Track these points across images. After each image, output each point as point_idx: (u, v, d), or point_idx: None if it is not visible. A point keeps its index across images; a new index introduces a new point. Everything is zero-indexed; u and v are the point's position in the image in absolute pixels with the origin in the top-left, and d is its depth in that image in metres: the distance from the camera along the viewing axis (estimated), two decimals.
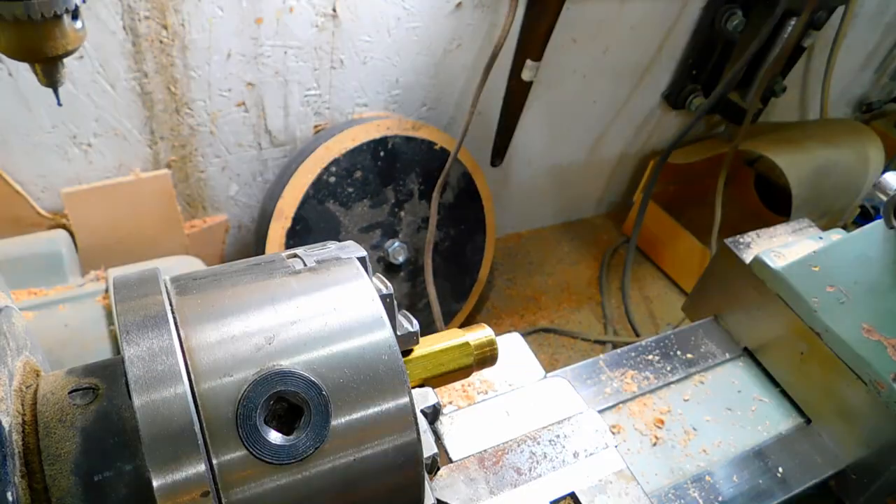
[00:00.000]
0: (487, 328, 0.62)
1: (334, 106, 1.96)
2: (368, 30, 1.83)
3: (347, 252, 0.51)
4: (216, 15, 1.61)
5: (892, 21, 2.92)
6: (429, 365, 0.58)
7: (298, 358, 0.43)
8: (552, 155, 2.60)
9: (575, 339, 2.47)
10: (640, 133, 2.73)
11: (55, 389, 0.46)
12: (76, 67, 1.54)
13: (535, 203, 2.81)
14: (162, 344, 0.40)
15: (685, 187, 2.95)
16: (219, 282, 0.47)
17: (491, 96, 2.13)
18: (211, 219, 2.03)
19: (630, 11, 2.18)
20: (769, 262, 1.14)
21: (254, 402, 0.40)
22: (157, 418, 0.38)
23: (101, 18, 1.50)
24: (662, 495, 0.89)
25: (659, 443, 0.95)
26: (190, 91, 1.71)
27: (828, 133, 2.64)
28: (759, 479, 0.94)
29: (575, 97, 2.39)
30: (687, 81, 2.52)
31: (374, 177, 1.97)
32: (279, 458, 0.41)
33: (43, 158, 1.66)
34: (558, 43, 2.07)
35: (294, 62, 1.79)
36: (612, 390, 1.01)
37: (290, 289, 0.46)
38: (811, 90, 3.01)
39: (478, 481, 0.62)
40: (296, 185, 1.85)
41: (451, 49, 2.00)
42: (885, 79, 3.26)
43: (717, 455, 0.96)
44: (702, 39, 2.38)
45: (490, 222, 2.31)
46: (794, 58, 2.65)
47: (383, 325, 0.46)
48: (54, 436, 0.43)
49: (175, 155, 1.83)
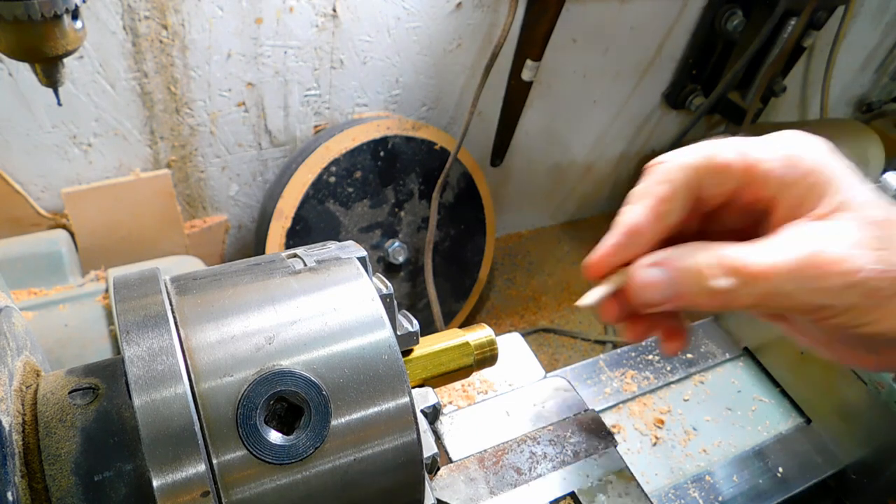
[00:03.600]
0: (487, 328, 0.62)
1: (334, 106, 1.96)
2: (368, 30, 1.83)
3: (347, 252, 0.51)
4: (216, 15, 1.61)
5: (892, 21, 2.92)
6: (429, 365, 0.58)
7: (298, 358, 0.43)
8: (552, 155, 2.60)
9: (575, 339, 2.47)
10: (640, 133, 2.73)
11: (55, 389, 0.46)
12: (76, 67, 1.54)
13: (535, 203, 2.81)
14: (162, 344, 0.40)
15: None
16: (219, 282, 0.47)
17: (491, 96, 2.13)
18: (211, 219, 2.03)
19: (630, 11, 2.18)
20: None
21: (254, 402, 0.40)
22: (157, 418, 0.38)
23: (101, 18, 1.50)
24: (662, 495, 0.89)
25: (659, 443, 0.95)
26: (190, 91, 1.71)
27: (828, 133, 2.60)
28: (759, 478, 0.94)
29: (575, 97, 2.39)
30: (687, 81, 2.52)
31: (374, 177, 1.97)
32: (279, 458, 0.41)
33: (43, 158, 1.66)
34: (558, 43, 2.07)
35: (294, 62, 1.79)
36: (612, 390, 1.01)
37: (290, 289, 0.46)
38: (811, 90, 3.01)
39: (478, 481, 0.62)
40: (296, 185, 1.85)
41: (451, 49, 2.00)
42: (885, 79, 3.26)
43: (717, 455, 0.96)
44: (702, 39, 2.38)
45: (490, 222, 2.31)
46: (794, 58, 2.65)
47: (383, 325, 0.46)
48: (54, 436, 0.43)
49: (175, 155, 1.83)
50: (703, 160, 0.54)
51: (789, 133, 0.55)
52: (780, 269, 0.49)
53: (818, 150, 0.53)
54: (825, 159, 0.52)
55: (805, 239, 0.50)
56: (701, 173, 0.54)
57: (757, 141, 0.54)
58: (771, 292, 0.50)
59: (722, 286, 0.50)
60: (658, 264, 0.54)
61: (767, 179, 0.53)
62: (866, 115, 3.36)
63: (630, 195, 0.58)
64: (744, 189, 0.54)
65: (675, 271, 0.53)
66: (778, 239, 0.51)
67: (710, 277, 0.51)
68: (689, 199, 0.55)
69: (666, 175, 0.55)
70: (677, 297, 0.53)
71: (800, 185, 0.52)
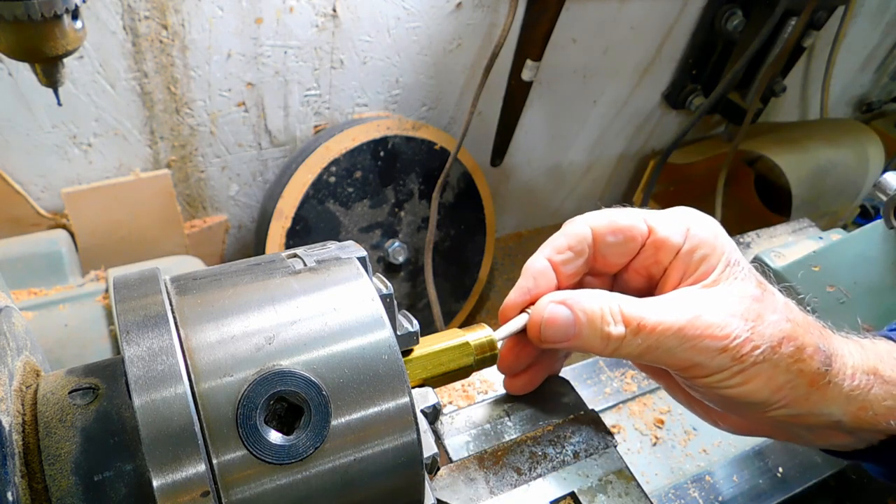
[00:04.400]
0: (487, 328, 0.62)
1: (334, 106, 1.96)
2: (368, 30, 1.83)
3: (347, 252, 0.51)
4: (216, 15, 1.61)
5: (892, 21, 2.92)
6: (429, 365, 0.58)
7: (298, 358, 0.43)
8: (552, 155, 2.60)
9: None
10: (640, 133, 2.73)
11: (55, 389, 0.46)
12: (76, 67, 1.54)
13: (535, 203, 2.81)
14: (162, 344, 0.40)
15: (685, 187, 2.95)
16: (219, 282, 0.47)
17: (491, 96, 2.13)
18: (211, 219, 2.03)
19: (630, 11, 2.18)
20: (769, 261, 1.14)
21: (254, 402, 0.40)
22: (157, 418, 0.38)
23: (101, 18, 1.50)
24: (662, 495, 0.89)
25: (659, 443, 0.95)
26: (190, 91, 1.71)
27: (828, 133, 2.63)
28: (759, 479, 0.94)
29: (575, 97, 2.39)
30: (687, 81, 2.52)
31: (374, 177, 1.97)
32: (279, 458, 0.40)
33: (43, 158, 1.66)
34: (558, 43, 2.07)
35: (294, 62, 1.79)
36: (612, 390, 1.01)
37: (290, 289, 0.46)
38: (811, 90, 3.01)
39: (478, 481, 0.62)
40: (296, 185, 1.85)
41: (451, 49, 2.00)
42: (885, 79, 3.26)
43: (717, 455, 0.96)
44: (702, 39, 2.38)
45: (490, 222, 2.31)
46: (794, 58, 2.65)
47: (383, 325, 0.46)
48: (54, 436, 0.43)
49: (175, 155, 1.83)
50: (606, 222, 0.62)
51: (686, 209, 0.63)
52: (667, 327, 0.55)
53: (710, 226, 0.61)
54: (716, 236, 0.60)
55: (691, 303, 0.57)
56: (603, 233, 0.62)
57: (658, 213, 0.62)
58: (655, 346, 0.56)
59: (616, 333, 0.57)
60: (564, 302, 0.59)
61: (665, 248, 0.60)
62: (866, 115, 3.36)
63: (541, 246, 0.65)
64: (644, 254, 0.62)
65: (578, 312, 0.59)
66: (669, 299, 0.58)
67: (606, 324, 0.57)
68: (586, 253, 0.63)
69: (569, 229, 0.63)
70: (575, 338, 0.59)
71: (692, 256, 0.59)
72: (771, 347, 0.55)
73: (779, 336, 0.56)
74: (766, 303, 0.57)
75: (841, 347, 0.60)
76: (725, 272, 0.58)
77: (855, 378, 0.58)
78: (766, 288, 0.59)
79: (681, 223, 0.61)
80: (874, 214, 2.02)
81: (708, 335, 0.55)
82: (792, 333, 0.56)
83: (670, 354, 0.56)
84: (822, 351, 0.57)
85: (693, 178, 2.90)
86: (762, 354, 0.55)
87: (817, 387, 0.57)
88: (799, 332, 0.57)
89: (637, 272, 0.64)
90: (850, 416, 0.59)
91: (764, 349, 0.55)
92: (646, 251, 0.62)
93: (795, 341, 0.56)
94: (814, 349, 0.57)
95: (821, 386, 0.57)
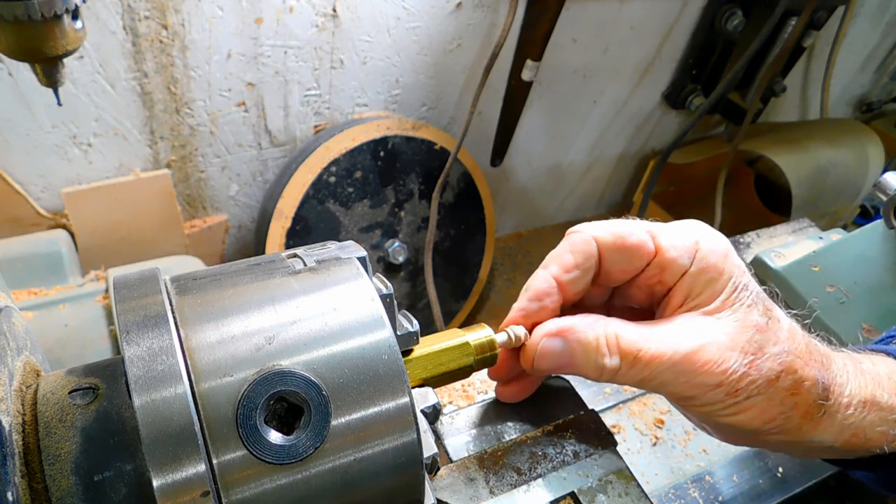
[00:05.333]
0: (487, 328, 0.62)
1: (334, 106, 1.96)
2: (368, 30, 1.83)
3: (347, 252, 0.51)
4: (216, 15, 1.61)
5: (892, 21, 2.92)
6: (429, 365, 0.58)
7: (298, 358, 0.43)
8: (552, 155, 2.60)
9: None
10: (640, 133, 2.73)
11: (55, 389, 0.46)
12: (76, 67, 1.54)
13: (535, 203, 2.81)
14: (162, 344, 0.40)
15: (685, 187, 2.95)
16: (219, 282, 0.47)
17: (491, 96, 2.13)
18: (211, 219, 2.03)
19: (630, 11, 2.18)
20: (769, 261, 1.14)
21: (254, 402, 0.40)
22: (157, 418, 0.38)
23: (101, 18, 1.50)
24: (662, 495, 0.89)
25: (659, 443, 0.95)
26: (190, 91, 1.71)
27: (828, 133, 2.64)
28: (759, 479, 0.94)
29: (575, 97, 2.39)
30: (687, 81, 2.52)
31: (374, 177, 1.97)
32: (279, 458, 0.40)
33: (43, 158, 1.66)
34: (558, 43, 2.07)
35: (294, 62, 1.79)
36: (613, 390, 1.01)
37: (290, 289, 0.46)
38: (811, 90, 3.01)
39: (478, 481, 0.62)
40: (296, 185, 1.85)
41: (451, 49, 2.00)
42: (885, 79, 3.26)
43: (717, 455, 0.96)
44: (702, 39, 2.38)
45: (490, 222, 2.31)
46: (794, 58, 2.65)
47: (383, 325, 0.46)
48: (54, 436, 0.43)
49: (175, 155, 1.83)
50: (613, 238, 0.59)
51: (696, 225, 0.60)
52: (663, 361, 0.54)
53: (720, 247, 0.58)
54: (725, 258, 0.57)
55: (691, 334, 0.55)
56: (609, 249, 0.59)
57: (666, 230, 0.60)
58: (650, 378, 0.56)
59: (610, 366, 0.56)
60: (559, 334, 0.59)
61: (672, 269, 0.58)
62: (866, 115, 3.36)
63: (545, 259, 0.63)
64: (648, 272, 0.60)
65: (573, 342, 0.58)
66: (669, 329, 0.57)
67: (602, 356, 0.56)
68: (592, 270, 0.61)
69: (575, 245, 0.60)
70: (568, 367, 0.59)
71: (698, 278, 0.57)
72: (767, 381, 0.54)
73: (777, 370, 0.55)
74: (770, 333, 0.55)
75: (840, 374, 0.59)
76: (731, 298, 0.56)
77: (850, 408, 0.57)
78: (772, 315, 0.57)
79: (689, 243, 0.58)
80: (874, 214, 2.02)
81: (704, 371, 0.54)
82: (791, 366, 0.55)
83: (664, 386, 0.56)
84: (821, 383, 0.56)
85: (693, 178, 2.90)
86: (757, 388, 0.54)
87: (811, 419, 0.56)
88: (798, 364, 0.56)
89: (639, 288, 0.62)
90: (841, 443, 0.58)
91: (760, 384, 0.54)
92: (651, 269, 0.59)
93: (794, 375, 0.55)
94: (812, 382, 0.56)
95: (815, 418, 0.57)
